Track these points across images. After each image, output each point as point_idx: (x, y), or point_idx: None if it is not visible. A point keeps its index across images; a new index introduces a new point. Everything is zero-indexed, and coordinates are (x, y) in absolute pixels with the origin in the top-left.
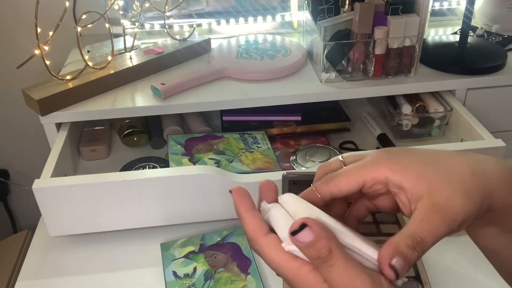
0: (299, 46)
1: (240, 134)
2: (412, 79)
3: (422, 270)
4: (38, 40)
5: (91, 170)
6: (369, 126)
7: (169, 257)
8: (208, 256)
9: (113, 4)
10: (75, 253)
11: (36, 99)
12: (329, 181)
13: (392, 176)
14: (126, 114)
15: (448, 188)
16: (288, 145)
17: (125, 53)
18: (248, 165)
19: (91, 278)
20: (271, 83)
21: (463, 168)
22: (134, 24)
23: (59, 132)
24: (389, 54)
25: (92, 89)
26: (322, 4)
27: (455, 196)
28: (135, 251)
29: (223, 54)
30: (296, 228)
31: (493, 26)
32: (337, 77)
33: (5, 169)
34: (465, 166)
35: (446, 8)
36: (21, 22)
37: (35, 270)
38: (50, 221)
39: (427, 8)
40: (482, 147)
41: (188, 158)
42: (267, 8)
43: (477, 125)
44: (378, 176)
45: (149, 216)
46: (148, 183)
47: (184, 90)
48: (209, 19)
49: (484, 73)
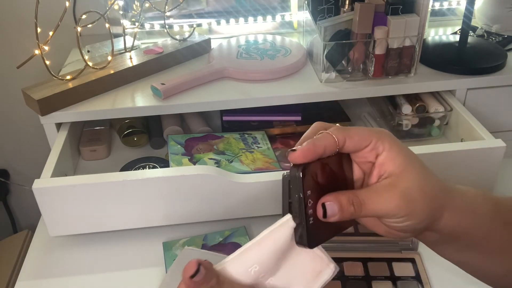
0: (299, 46)
1: (240, 134)
2: (412, 79)
3: (422, 270)
4: (38, 40)
5: (91, 170)
6: (369, 126)
7: (171, 257)
8: None
9: (113, 4)
10: (75, 253)
11: (36, 99)
12: (344, 130)
13: (387, 153)
14: (126, 114)
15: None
16: (288, 145)
17: (125, 53)
18: (248, 165)
19: (92, 278)
20: (271, 83)
21: (438, 181)
22: (134, 24)
23: (59, 132)
24: (389, 54)
25: (92, 89)
26: (322, 4)
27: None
28: (136, 250)
29: (223, 54)
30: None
31: (493, 26)
32: (337, 77)
33: (5, 169)
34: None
35: (446, 8)
36: (21, 22)
37: (35, 270)
38: (50, 221)
39: (427, 8)
40: (482, 147)
41: (188, 158)
42: (267, 8)
43: (477, 125)
44: (379, 146)
45: (149, 216)
46: (148, 183)
47: (184, 90)
48: (209, 19)
49: (484, 73)
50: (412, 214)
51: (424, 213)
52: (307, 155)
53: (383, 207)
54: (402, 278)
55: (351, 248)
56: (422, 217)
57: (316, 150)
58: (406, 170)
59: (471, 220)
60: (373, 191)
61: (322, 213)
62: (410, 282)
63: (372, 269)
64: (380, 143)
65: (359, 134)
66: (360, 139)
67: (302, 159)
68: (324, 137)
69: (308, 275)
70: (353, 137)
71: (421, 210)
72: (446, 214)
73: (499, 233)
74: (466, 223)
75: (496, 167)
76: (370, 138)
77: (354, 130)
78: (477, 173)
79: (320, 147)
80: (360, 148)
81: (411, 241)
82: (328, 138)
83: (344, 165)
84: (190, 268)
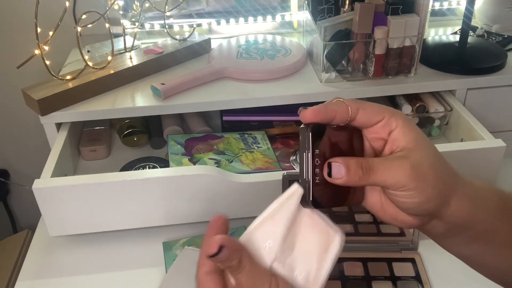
0: (299, 46)
1: (240, 134)
2: (412, 79)
3: (422, 270)
4: (38, 40)
5: (91, 170)
6: None
7: (171, 257)
8: None
9: (113, 4)
10: (75, 253)
11: (36, 99)
12: (358, 101)
13: (400, 129)
14: (126, 114)
15: (428, 160)
16: (288, 145)
17: (125, 53)
18: (248, 165)
19: (92, 278)
20: (271, 83)
21: (449, 165)
22: (134, 24)
23: (59, 132)
24: (389, 54)
25: (92, 89)
26: (322, 4)
27: (429, 169)
28: (136, 250)
29: (223, 54)
30: (212, 253)
31: (493, 26)
32: (337, 77)
33: (5, 169)
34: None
35: (446, 8)
36: (21, 22)
37: (35, 270)
38: (50, 221)
39: (427, 8)
40: (482, 147)
41: (188, 158)
42: (267, 8)
43: (477, 125)
44: (392, 122)
45: (149, 216)
46: (148, 183)
47: (184, 90)
48: (209, 19)
49: (484, 73)
50: (422, 189)
51: (434, 190)
52: (318, 114)
53: (393, 175)
54: (402, 278)
55: (351, 248)
56: (431, 194)
57: (327, 112)
58: (419, 146)
59: (479, 210)
60: (384, 159)
61: (327, 172)
62: (410, 282)
63: (372, 269)
64: (393, 119)
65: (373, 107)
66: (373, 112)
67: (312, 117)
68: (337, 103)
69: (320, 250)
70: (366, 108)
71: (431, 186)
72: (454, 200)
73: (507, 226)
74: (474, 212)
75: (496, 167)
76: (383, 113)
77: (368, 103)
78: (477, 173)
79: (332, 111)
80: (372, 122)
81: (411, 241)
82: (342, 105)
83: (355, 143)
84: (210, 247)
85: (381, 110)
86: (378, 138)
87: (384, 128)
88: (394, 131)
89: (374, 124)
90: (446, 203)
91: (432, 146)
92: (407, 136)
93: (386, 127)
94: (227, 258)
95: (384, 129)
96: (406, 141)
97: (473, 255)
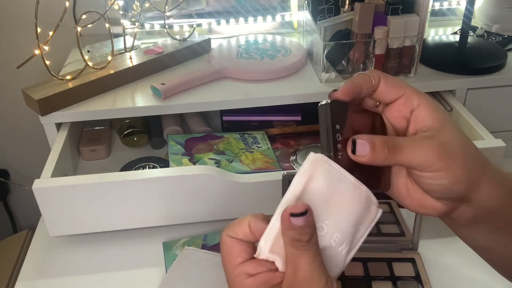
0: (299, 46)
1: (240, 134)
2: (412, 79)
3: (422, 270)
4: (38, 40)
5: (91, 170)
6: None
7: (171, 257)
8: None
9: (113, 4)
10: (75, 253)
11: (36, 99)
12: (378, 71)
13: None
14: (126, 114)
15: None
16: (288, 145)
17: (125, 53)
18: (248, 165)
19: (92, 278)
20: (271, 83)
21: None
22: (134, 24)
23: (59, 132)
24: (389, 54)
25: (92, 89)
26: (322, 4)
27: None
28: (136, 250)
29: (223, 54)
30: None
31: (493, 26)
32: (337, 77)
33: (5, 169)
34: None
35: (446, 8)
36: (21, 22)
37: (35, 270)
38: (50, 221)
39: (427, 8)
40: (482, 147)
41: (188, 158)
42: (267, 8)
43: (477, 125)
44: (414, 99)
45: (149, 216)
46: (148, 183)
47: (184, 90)
48: (209, 19)
49: (484, 73)
50: (450, 169)
51: (462, 171)
52: (348, 91)
53: (420, 154)
54: (402, 278)
55: None
56: (460, 175)
57: (355, 86)
58: (446, 125)
59: (509, 196)
60: (411, 138)
61: (351, 149)
62: (410, 282)
63: (372, 269)
64: (415, 96)
65: (395, 79)
66: (394, 83)
67: (344, 95)
68: (360, 76)
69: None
70: (387, 78)
71: (460, 166)
72: (485, 184)
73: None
74: (504, 198)
75: None
76: (403, 88)
77: (390, 75)
78: None
79: (359, 84)
80: (392, 95)
81: (411, 241)
82: (364, 76)
83: (377, 127)
84: (297, 207)
85: (402, 85)
86: (400, 117)
87: (406, 105)
88: (417, 109)
89: (394, 100)
90: (477, 186)
91: (458, 125)
92: (433, 115)
93: (407, 104)
94: (308, 225)
95: (405, 106)
96: (432, 121)
97: (495, 245)
